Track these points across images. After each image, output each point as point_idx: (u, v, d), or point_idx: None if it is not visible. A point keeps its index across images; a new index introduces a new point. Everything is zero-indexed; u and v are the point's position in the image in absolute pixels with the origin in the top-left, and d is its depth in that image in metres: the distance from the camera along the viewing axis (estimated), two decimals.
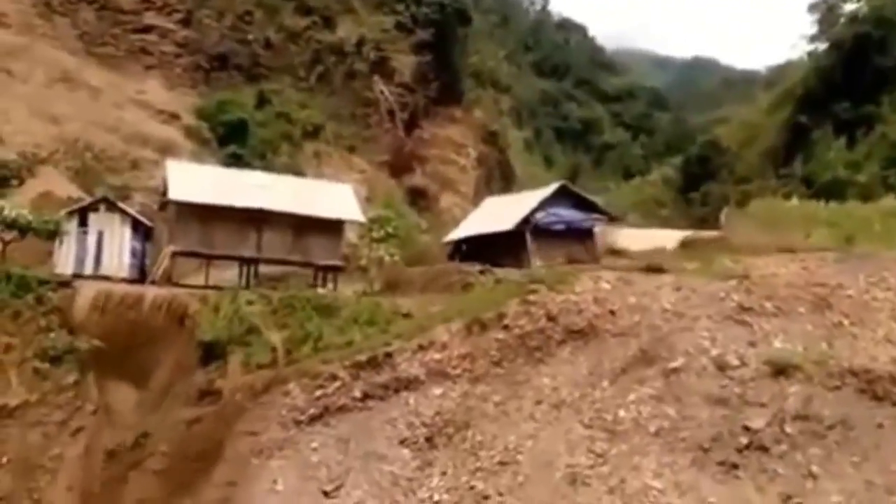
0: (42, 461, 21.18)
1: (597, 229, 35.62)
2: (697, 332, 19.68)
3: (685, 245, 32.25)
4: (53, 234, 26.00)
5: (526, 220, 34.23)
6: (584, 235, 34.75)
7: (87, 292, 24.16)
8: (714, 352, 19.10)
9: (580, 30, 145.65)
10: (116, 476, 21.34)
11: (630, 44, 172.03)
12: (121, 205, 28.85)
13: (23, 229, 25.21)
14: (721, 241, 30.29)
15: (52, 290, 23.93)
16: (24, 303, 23.29)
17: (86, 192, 32.49)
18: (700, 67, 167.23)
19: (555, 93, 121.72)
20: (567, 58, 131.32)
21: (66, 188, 31.70)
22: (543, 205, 34.85)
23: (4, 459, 20.95)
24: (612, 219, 36.40)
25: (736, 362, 18.81)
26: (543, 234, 33.92)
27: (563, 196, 35.59)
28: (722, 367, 18.76)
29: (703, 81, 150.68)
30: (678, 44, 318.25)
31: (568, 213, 34.74)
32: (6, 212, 25.02)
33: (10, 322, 22.90)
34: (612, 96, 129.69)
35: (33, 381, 22.06)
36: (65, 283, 24.40)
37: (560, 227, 34.22)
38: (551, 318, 20.58)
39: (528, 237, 33.70)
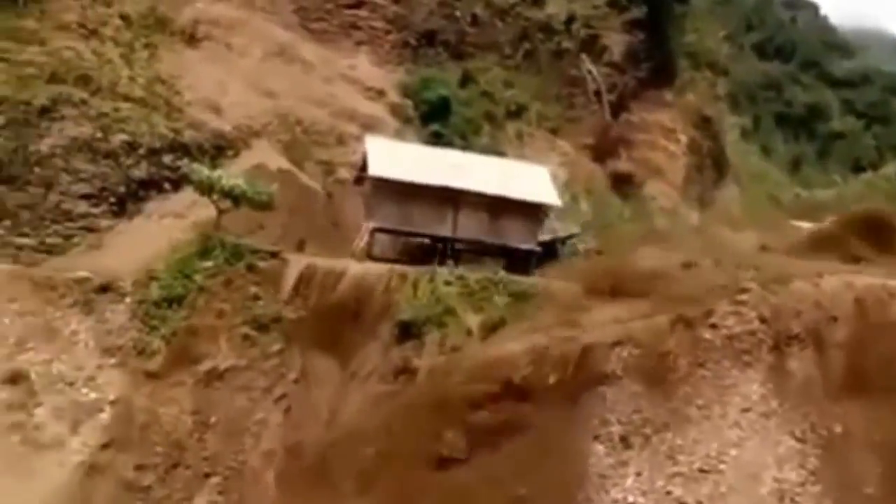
0: (247, 425, 22.02)
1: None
2: None
3: None
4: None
5: None
6: None
7: (295, 265, 24.88)
8: None
9: (811, 7, 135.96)
10: (314, 445, 21.91)
11: (868, 24, 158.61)
12: None
13: (237, 199, 26.01)
14: None
15: (262, 259, 24.84)
16: (236, 271, 24.22)
17: (294, 165, 33.40)
18: None
19: (778, 76, 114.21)
20: (794, 38, 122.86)
21: (276, 161, 32.70)
22: None
23: (213, 420, 21.97)
24: None
25: None
26: None
27: None
28: None
29: None
30: None
31: None
32: (223, 181, 25.95)
33: (222, 288, 23.94)
34: (843, 81, 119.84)
35: (242, 347, 22.99)
36: (275, 254, 25.18)
37: None
38: (763, 321, 19.19)
39: None
